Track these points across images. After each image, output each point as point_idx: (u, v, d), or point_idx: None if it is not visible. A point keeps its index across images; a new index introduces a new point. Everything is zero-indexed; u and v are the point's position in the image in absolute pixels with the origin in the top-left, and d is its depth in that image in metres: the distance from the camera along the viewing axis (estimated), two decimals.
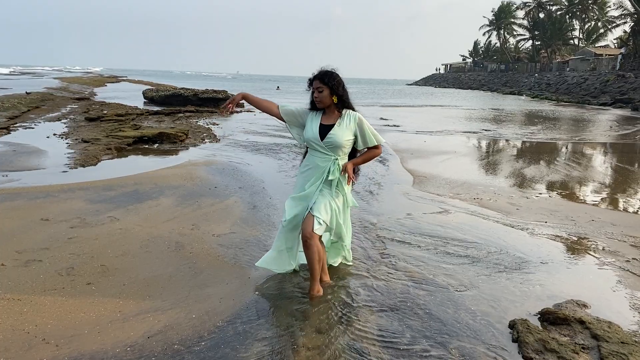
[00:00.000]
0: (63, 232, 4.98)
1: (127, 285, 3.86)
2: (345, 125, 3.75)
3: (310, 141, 3.81)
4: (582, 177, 9.45)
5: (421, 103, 37.23)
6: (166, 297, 3.71)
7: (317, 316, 3.49)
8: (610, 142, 15.32)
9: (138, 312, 3.46)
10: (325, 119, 3.80)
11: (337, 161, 3.77)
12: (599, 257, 4.89)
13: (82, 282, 3.89)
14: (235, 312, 3.52)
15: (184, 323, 3.33)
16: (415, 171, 9.19)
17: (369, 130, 3.78)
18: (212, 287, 3.91)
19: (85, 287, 3.80)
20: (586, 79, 49.56)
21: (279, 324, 3.38)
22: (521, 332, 3.25)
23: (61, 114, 16.62)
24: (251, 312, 3.54)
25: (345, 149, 3.78)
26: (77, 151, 9.69)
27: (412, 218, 6.04)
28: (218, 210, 6.03)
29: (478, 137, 15.68)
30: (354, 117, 3.78)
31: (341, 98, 3.76)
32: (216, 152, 10.51)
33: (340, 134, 3.72)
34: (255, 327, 3.33)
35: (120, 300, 3.62)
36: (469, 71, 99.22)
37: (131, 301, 3.62)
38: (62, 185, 6.87)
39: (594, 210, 6.83)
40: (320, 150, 3.77)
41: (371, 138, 3.79)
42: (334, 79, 3.74)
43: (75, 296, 3.65)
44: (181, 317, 3.41)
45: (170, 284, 3.92)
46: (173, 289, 3.85)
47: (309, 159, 3.88)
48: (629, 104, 33.99)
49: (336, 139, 3.71)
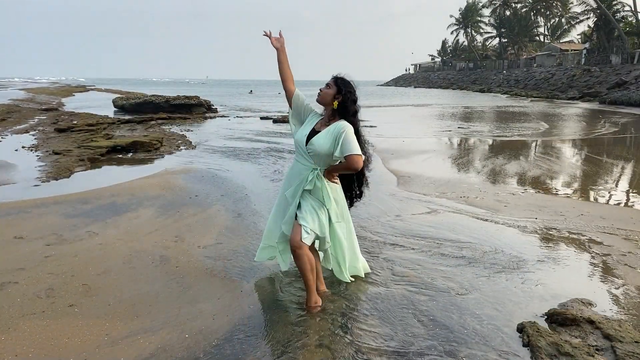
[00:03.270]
0: (39, 250, 4.70)
1: (112, 305, 3.62)
2: (330, 132, 3.48)
3: (297, 143, 3.63)
4: (566, 172, 9.48)
5: (395, 103, 37.33)
6: (155, 316, 3.48)
7: (318, 329, 3.31)
8: (593, 137, 15.49)
9: (127, 334, 3.23)
10: (319, 125, 3.60)
11: (317, 172, 3.54)
12: (595, 252, 4.83)
13: (63, 304, 3.63)
14: (231, 329, 3.32)
15: (177, 344, 3.11)
16: (398, 171, 9.08)
17: (347, 138, 3.41)
18: (204, 302, 3.70)
19: (67, 310, 3.54)
20: (553, 74, 50.43)
21: (278, 340, 3.19)
22: (531, 335, 3.13)
23: (29, 126, 16.07)
24: (248, 328, 3.34)
25: (328, 159, 3.51)
26: (48, 164, 9.30)
27: (402, 219, 5.91)
28: (201, 220, 5.80)
29: (455, 135, 15.69)
30: (340, 125, 3.49)
31: (343, 105, 3.53)
32: (193, 159, 10.24)
33: (322, 142, 3.47)
34: (253, 344, 3.14)
35: (107, 322, 3.38)
36: (438, 70, 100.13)
37: (118, 322, 3.38)
38: (34, 200, 6.55)
39: (582, 205, 6.80)
40: (303, 155, 3.58)
41: (347, 147, 3.39)
42: (347, 85, 3.57)
43: (57, 320, 3.40)
44: (173, 337, 3.19)
45: (158, 302, 3.70)
46: (162, 307, 3.62)
47: (293, 163, 3.71)
48: (596, 97, 34.70)
49: (317, 147, 3.47)
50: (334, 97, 3.54)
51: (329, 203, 3.56)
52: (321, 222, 3.54)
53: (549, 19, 75.30)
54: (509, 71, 66.09)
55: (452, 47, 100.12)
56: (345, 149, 3.40)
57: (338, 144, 3.42)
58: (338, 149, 3.42)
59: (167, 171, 8.88)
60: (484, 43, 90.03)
